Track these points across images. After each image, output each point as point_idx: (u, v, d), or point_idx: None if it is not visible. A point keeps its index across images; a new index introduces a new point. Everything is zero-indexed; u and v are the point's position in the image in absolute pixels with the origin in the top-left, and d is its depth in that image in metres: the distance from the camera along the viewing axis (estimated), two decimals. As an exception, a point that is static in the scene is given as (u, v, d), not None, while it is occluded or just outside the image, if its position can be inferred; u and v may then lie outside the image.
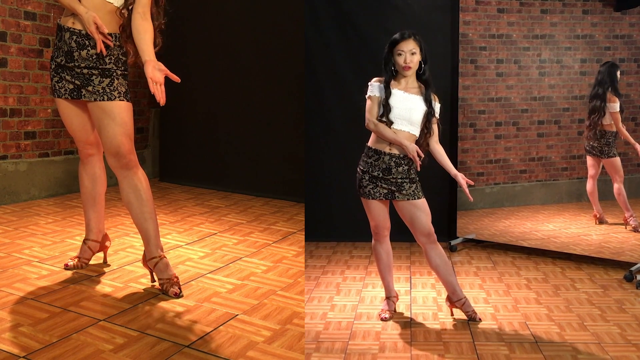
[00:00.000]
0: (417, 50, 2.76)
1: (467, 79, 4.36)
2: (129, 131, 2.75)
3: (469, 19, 4.33)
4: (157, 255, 2.81)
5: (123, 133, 2.73)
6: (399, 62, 2.77)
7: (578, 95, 4.19)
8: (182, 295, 2.78)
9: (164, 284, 2.79)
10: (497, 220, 4.43)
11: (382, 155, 2.79)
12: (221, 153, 5.56)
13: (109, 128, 2.72)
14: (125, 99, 2.76)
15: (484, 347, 2.58)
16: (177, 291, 2.78)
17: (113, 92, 2.72)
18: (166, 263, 2.82)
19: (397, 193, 2.79)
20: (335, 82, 4.56)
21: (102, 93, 2.71)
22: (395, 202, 2.84)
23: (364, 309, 3.09)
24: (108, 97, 2.71)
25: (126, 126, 2.74)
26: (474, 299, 3.22)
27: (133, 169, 2.77)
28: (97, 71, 2.71)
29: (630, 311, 3.01)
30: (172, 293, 2.76)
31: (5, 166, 4.54)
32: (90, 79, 2.71)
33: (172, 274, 2.82)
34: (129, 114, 2.77)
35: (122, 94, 2.75)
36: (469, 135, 4.40)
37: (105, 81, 2.72)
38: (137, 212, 2.78)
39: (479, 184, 4.43)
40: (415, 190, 2.80)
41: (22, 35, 4.59)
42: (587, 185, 4.15)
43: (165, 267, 2.81)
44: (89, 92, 2.72)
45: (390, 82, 2.80)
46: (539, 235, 4.24)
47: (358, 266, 3.91)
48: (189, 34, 5.65)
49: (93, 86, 2.71)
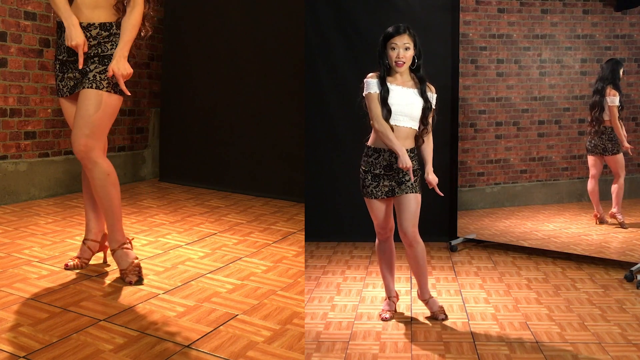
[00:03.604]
0: (411, 45, 2.72)
1: (467, 79, 4.36)
2: (94, 130, 2.71)
3: (469, 19, 4.33)
4: (114, 247, 2.93)
5: (87, 134, 2.70)
6: (391, 57, 2.73)
7: (578, 95, 4.19)
8: (140, 283, 2.90)
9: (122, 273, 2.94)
10: (497, 220, 4.43)
11: (382, 152, 2.79)
12: (221, 153, 5.55)
13: (78, 118, 2.72)
14: (114, 91, 2.75)
15: (485, 347, 2.57)
16: (132, 280, 2.89)
17: (102, 81, 2.72)
18: (123, 253, 2.93)
19: (397, 188, 2.78)
20: (335, 82, 4.55)
21: (92, 80, 2.71)
22: (394, 198, 2.82)
23: (365, 309, 3.09)
24: (97, 86, 2.71)
25: (97, 126, 2.71)
26: (474, 299, 3.22)
27: (88, 166, 2.77)
28: (97, 58, 2.73)
29: (631, 311, 3.00)
30: (127, 282, 2.89)
31: (5, 166, 4.53)
32: (89, 66, 2.73)
33: (129, 263, 2.92)
34: (111, 108, 2.75)
35: (111, 84, 2.74)
36: (470, 135, 4.39)
37: (100, 68, 2.72)
38: (99, 204, 2.89)
39: (480, 184, 4.43)
40: (414, 184, 2.77)
41: (22, 35, 4.58)
42: (588, 185, 4.14)
43: (121, 257, 2.93)
44: (82, 82, 2.74)
45: (385, 78, 2.76)
46: (539, 235, 4.23)
47: (359, 266, 3.91)
48: (190, 35, 5.65)
49: (87, 73, 2.72)
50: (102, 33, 2.73)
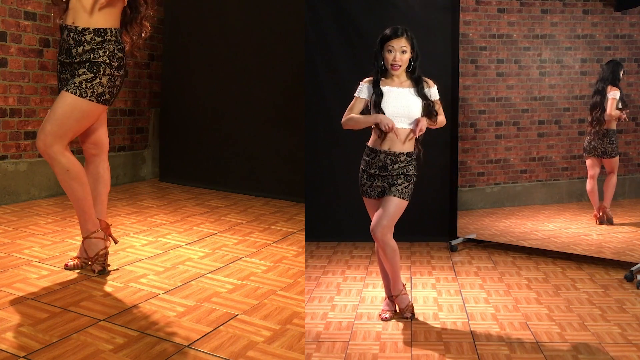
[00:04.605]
0: (408, 48, 2.73)
1: (467, 79, 4.36)
2: (55, 129, 2.70)
3: (469, 19, 4.33)
4: (84, 235, 3.00)
5: (48, 131, 2.69)
6: (387, 59, 2.73)
7: (578, 95, 4.19)
8: (104, 273, 3.00)
9: (89, 261, 3.02)
10: (497, 220, 4.43)
11: (378, 153, 2.79)
12: (221, 153, 5.55)
13: (48, 114, 2.74)
14: (97, 100, 2.75)
15: (485, 347, 2.57)
16: (95, 269, 2.98)
17: (87, 89, 2.72)
18: (90, 242, 2.99)
19: (387, 189, 2.78)
20: (335, 81, 4.55)
21: (76, 87, 2.71)
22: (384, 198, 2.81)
23: (365, 309, 3.09)
24: (80, 94, 2.71)
25: (59, 126, 2.70)
26: (474, 299, 3.22)
27: (49, 162, 2.78)
28: (88, 64, 2.73)
29: (631, 311, 3.00)
30: (92, 270, 2.99)
31: (5, 166, 4.53)
32: (77, 70, 2.73)
33: (95, 253, 2.98)
34: (81, 112, 2.73)
35: (95, 94, 2.73)
36: (470, 135, 4.39)
37: (88, 75, 2.72)
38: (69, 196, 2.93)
39: (480, 184, 4.43)
40: (404, 190, 2.76)
41: (22, 35, 4.59)
42: (587, 185, 4.14)
43: (88, 246, 3.00)
44: (67, 84, 2.74)
45: (379, 81, 2.77)
46: (539, 235, 4.23)
47: (359, 266, 3.91)
48: (190, 35, 5.66)
49: (74, 77, 2.73)
50: (96, 39, 2.73)
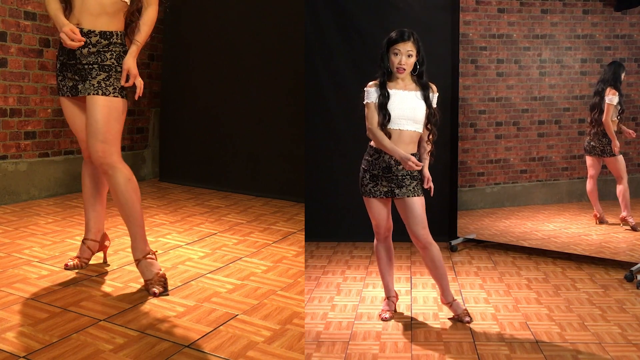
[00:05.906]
0: (414, 52, 2.71)
1: (467, 79, 4.36)
2: (106, 135, 2.70)
3: (469, 19, 4.33)
4: (138, 257, 2.81)
5: (102, 140, 2.69)
6: (393, 62, 2.72)
7: (578, 95, 4.19)
8: (166, 294, 2.78)
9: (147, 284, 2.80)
10: (497, 220, 4.43)
11: (382, 154, 2.78)
12: (221, 153, 5.55)
13: (88, 127, 2.71)
14: (120, 95, 2.76)
15: (485, 347, 2.57)
16: (156, 291, 2.76)
17: (108, 87, 2.72)
18: (147, 264, 2.81)
19: (397, 190, 2.77)
20: (335, 81, 4.55)
21: (97, 87, 2.71)
22: (395, 200, 2.83)
23: (365, 309, 3.09)
24: (103, 92, 2.71)
25: (107, 132, 2.70)
26: (474, 299, 3.22)
27: (108, 172, 2.75)
28: (97, 66, 2.72)
29: (631, 311, 3.00)
30: (151, 293, 2.76)
31: (5, 166, 4.53)
32: (90, 73, 2.72)
33: (154, 274, 2.80)
34: (117, 112, 2.74)
35: (117, 89, 2.74)
36: (470, 135, 4.39)
37: (102, 75, 2.72)
38: (120, 212, 2.82)
39: (480, 184, 4.43)
40: (415, 188, 2.77)
41: (22, 35, 4.59)
42: (587, 185, 4.14)
43: (146, 267, 2.81)
44: (85, 87, 2.73)
45: (385, 83, 2.76)
46: (539, 235, 4.23)
47: (359, 266, 3.91)
48: (190, 35, 5.65)
49: (89, 80, 2.72)
50: (102, 41, 2.72)
